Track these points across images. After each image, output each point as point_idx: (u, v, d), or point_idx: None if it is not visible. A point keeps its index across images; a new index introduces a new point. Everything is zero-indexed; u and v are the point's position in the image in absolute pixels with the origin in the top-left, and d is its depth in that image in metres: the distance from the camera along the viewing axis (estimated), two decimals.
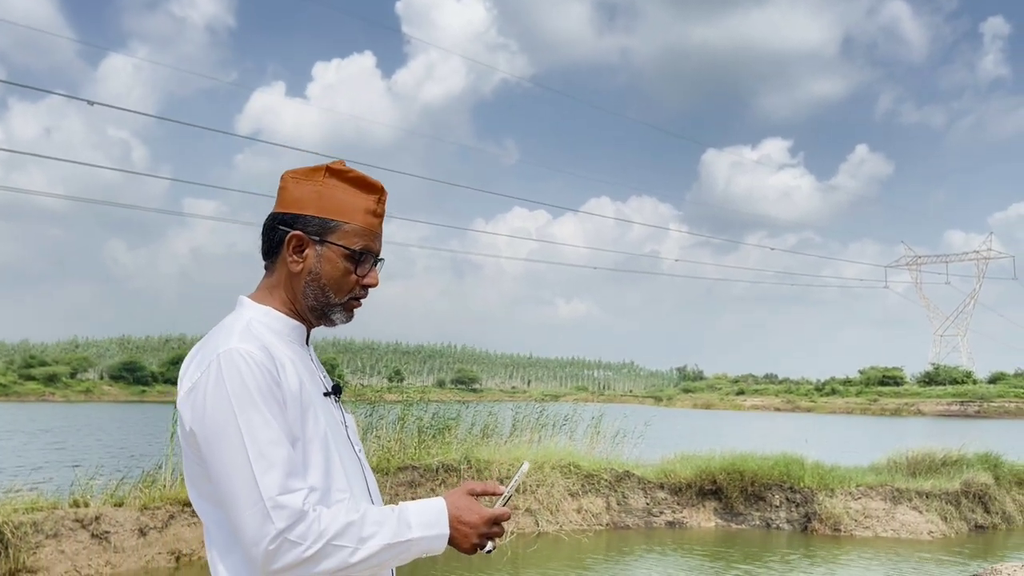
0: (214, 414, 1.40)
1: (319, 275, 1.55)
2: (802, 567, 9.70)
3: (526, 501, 11.31)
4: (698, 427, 38.97)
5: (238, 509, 1.37)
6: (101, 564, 8.07)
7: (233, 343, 1.44)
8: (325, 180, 1.57)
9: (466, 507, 1.53)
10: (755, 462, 12.28)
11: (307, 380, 1.52)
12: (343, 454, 1.54)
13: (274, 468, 1.38)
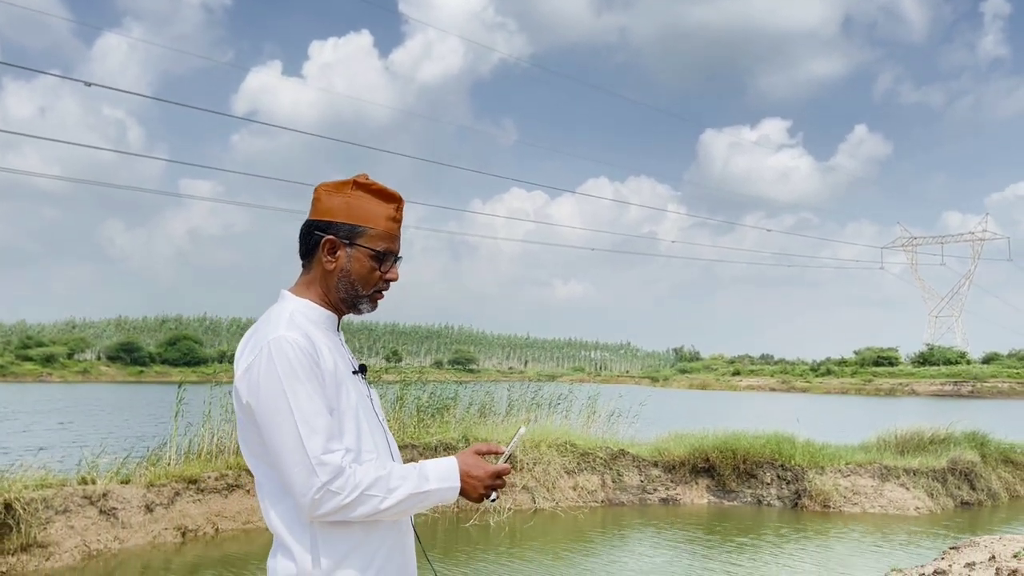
0: (267, 390, 1.70)
1: (349, 272, 1.86)
2: (793, 541, 9.96)
3: (523, 479, 11.58)
4: (693, 407, 39.34)
5: (288, 466, 1.68)
6: (110, 539, 8.30)
7: (280, 331, 1.73)
8: (352, 192, 1.88)
9: (474, 464, 1.84)
10: (747, 441, 12.55)
11: (339, 361, 1.83)
12: (370, 422, 1.85)
13: (317, 433, 1.68)
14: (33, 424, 24.11)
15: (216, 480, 9.68)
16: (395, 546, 1.83)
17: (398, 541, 1.84)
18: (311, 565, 1.72)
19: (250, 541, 9.16)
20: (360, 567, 1.75)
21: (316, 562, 1.72)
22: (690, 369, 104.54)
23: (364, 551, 1.76)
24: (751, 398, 58.89)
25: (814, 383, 79.97)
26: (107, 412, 30.62)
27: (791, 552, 9.43)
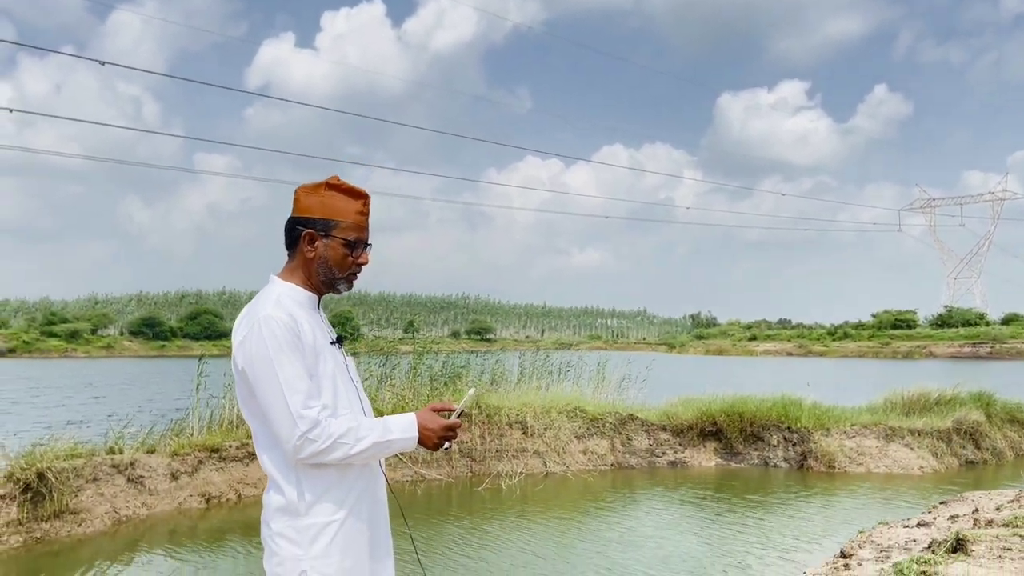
0: (258, 359, 2.08)
1: (327, 259, 2.24)
2: (799, 499, 10.22)
3: (534, 444, 11.90)
4: (708, 373, 39.55)
5: (276, 420, 2.08)
6: (138, 506, 8.70)
7: (268, 311, 2.12)
8: (326, 192, 2.25)
9: (430, 419, 2.23)
10: (754, 404, 12.79)
11: (318, 334, 2.22)
12: (345, 384, 2.25)
13: (298, 393, 2.07)
14: (64, 399, 24.75)
15: (237, 449, 10.05)
16: (366, 488, 2.22)
17: (369, 483, 2.24)
18: (297, 498, 2.11)
19: None
20: (337, 501, 2.14)
21: (301, 496, 2.12)
22: (707, 335, 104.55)
23: (339, 489, 2.15)
24: (767, 363, 59.03)
25: (831, 347, 79.89)
26: (132, 386, 31.27)
27: (797, 509, 9.70)
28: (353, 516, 2.16)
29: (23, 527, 7.51)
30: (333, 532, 2.12)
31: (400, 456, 11.08)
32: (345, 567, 2.13)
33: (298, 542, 2.10)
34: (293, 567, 2.10)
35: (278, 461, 2.14)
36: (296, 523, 2.11)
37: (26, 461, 7.74)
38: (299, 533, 2.10)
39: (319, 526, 2.11)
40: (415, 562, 6.69)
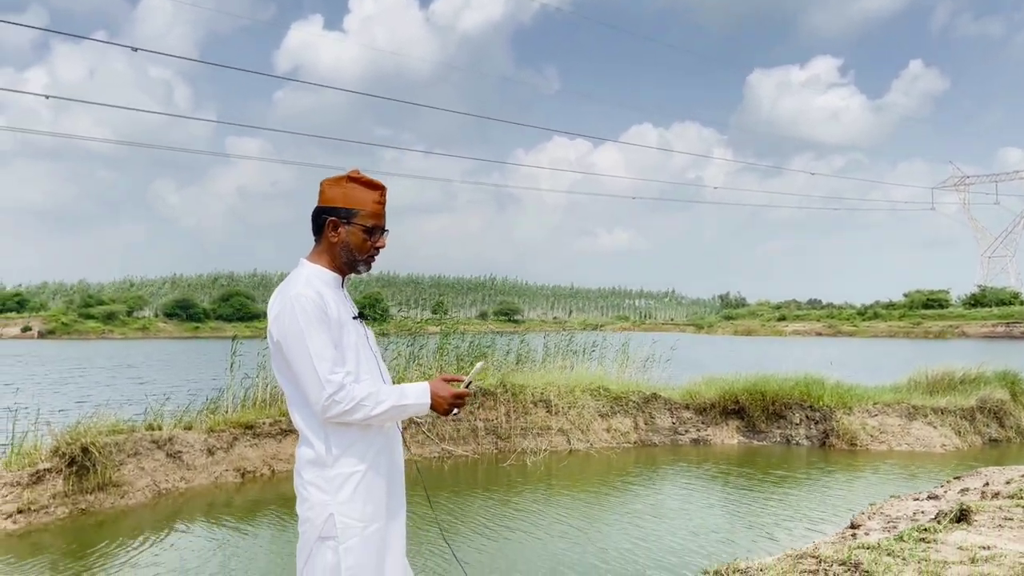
0: (291, 332, 2.38)
1: (348, 244, 2.54)
2: (821, 476, 10.36)
3: (558, 422, 12.14)
4: (734, 353, 39.53)
5: (306, 384, 2.37)
6: (176, 479, 9.08)
7: (299, 289, 2.42)
8: (347, 184, 2.56)
9: (441, 387, 2.54)
10: (776, 383, 12.92)
11: (343, 310, 2.50)
12: (366, 354, 2.58)
13: (325, 360, 2.37)
14: (109, 379, 25.44)
15: (271, 426, 10.40)
16: (385, 445, 2.53)
17: (388, 442, 2.55)
18: (325, 452, 2.43)
19: None
20: (359, 455, 2.46)
21: (328, 450, 2.42)
22: (735, 316, 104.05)
23: (362, 444, 2.45)
24: (795, 343, 58.74)
25: (861, 327, 79.19)
26: (169, 366, 32.00)
27: (820, 484, 9.86)
28: (373, 470, 2.46)
29: (69, 499, 7.90)
30: (356, 482, 2.42)
31: (428, 434, 11.39)
32: (367, 513, 2.43)
33: (326, 490, 2.41)
34: (322, 511, 2.40)
35: (309, 419, 2.43)
36: (324, 473, 2.41)
37: (71, 436, 8.12)
38: (327, 482, 2.41)
39: (344, 476, 2.41)
40: (440, 538, 6.98)
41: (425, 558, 6.73)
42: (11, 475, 7.79)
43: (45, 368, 31.18)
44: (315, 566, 2.41)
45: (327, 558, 2.39)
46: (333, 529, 2.38)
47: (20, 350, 48.82)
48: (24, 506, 7.52)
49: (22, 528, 7.39)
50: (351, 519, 2.40)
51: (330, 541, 2.39)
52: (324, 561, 2.39)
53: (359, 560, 2.40)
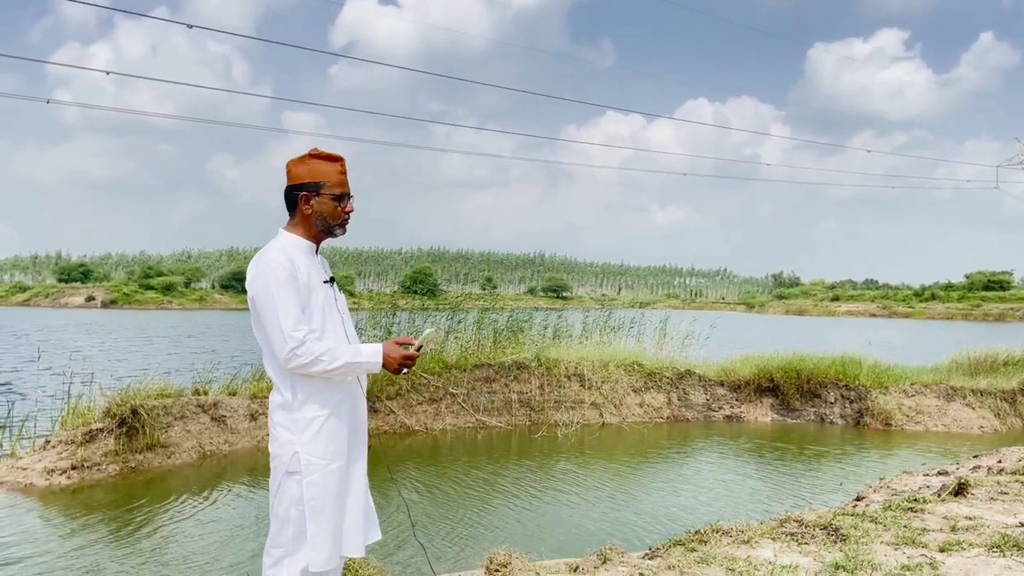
0: (262, 292, 2.68)
1: (321, 213, 2.83)
2: (853, 454, 10.39)
3: (591, 396, 12.34)
4: (780, 332, 39.09)
5: (272, 338, 2.68)
6: (220, 442, 9.53)
7: (273, 255, 2.73)
8: (311, 161, 2.83)
9: (392, 349, 2.81)
10: (812, 362, 12.91)
11: (313, 275, 2.73)
12: (331, 314, 2.79)
13: (290, 318, 2.66)
14: (173, 347, 26.38)
15: None
16: (345, 396, 2.83)
17: (348, 393, 2.84)
18: (291, 398, 2.72)
19: None
20: (321, 402, 2.74)
21: (295, 396, 2.71)
22: (787, 295, 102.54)
23: (324, 393, 2.76)
24: (846, 324, 57.76)
25: (917, 308, 77.44)
26: (226, 337, 32.97)
27: (855, 461, 9.92)
28: (335, 416, 2.76)
29: (119, 457, 8.38)
30: (319, 425, 2.74)
31: (463, 405, 11.69)
32: (328, 452, 2.73)
33: (292, 430, 2.73)
34: (288, 449, 2.72)
35: (278, 370, 2.75)
36: (291, 416, 2.73)
37: (121, 399, 8.59)
38: (293, 423, 2.73)
39: (308, 419, 2.72)
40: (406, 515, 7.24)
41: (460, 525, 7.01)
42: (66, 434, 8.30)
43: (113, 337, 32.40)
44: (282, 496, 2.72)
45: (292, 490, 2.70)
46: (298, 465, 2.69)
47: (86, 319, 50.66)
48: (78, 463, 8.01)
49: (75, 483, 7.88)
50: (314, 457, 2.71)
51: (296, 475, 2.70)
52: (290, 493, 2.71)
53: (320, 492, 2.70)
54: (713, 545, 3.72)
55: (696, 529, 4.03)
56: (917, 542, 3.69)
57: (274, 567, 2.72)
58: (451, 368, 11.86)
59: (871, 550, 3.55)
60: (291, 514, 2.70)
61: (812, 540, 3.71)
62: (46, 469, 7.88)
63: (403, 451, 10.25)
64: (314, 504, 2.68)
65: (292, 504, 2.69)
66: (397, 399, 11.33)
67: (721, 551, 3.63)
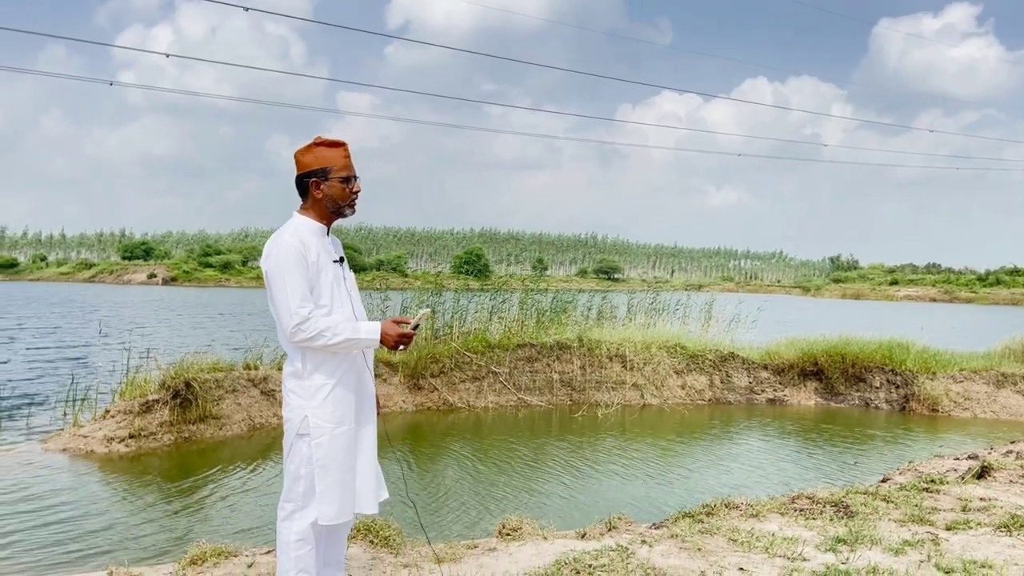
0: (274, 270, 2.90)
1: (331, 196, 3.05)
2: (898, 438, 10.32)
3: (633, 377, 12.43)
4: (833, 316, 38.44)
5: (280, 313, 2.91)
6: (269, 415, 9.89)
7: (285, 237, 2.95)
8: (316, 149, 3.04)
9: (390, 327, 3.00)
10: (858, 346, 12.78)
11: (323, 254, 2.94)
12: (339, 293, 2.99)
13: (296, 295, 2.88)
14: (236, 324, 27.17)
15: None
16: (351, 366, 3.01)
17: (354, 364, 3.04)
18: (302, 367, 2.95)
19: (388, 423, 10.51)
20: (328, 372, 2.95)
21: (304, 366, 2.94)
22: (844, 279, 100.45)
23: (331, 364, 2.97)
24: (904, 308, 56.46)
25: (980, 293, 75.22)
26: None
27: (901, 445, 9.87)
28: (341, 384, 2.99)
29: (174, 427, 8.78)
30: (327, 392, 2.95)
31: (505, 383, 11.88)
32: (336, 416, 2.96)
33: (303, 396, 2.97)
34: (299, 413, 2.95)
35: (288, 342, 2.98)
36: (301, 383, 2.97)
37: (175, 372, 8.99)
38: (303, 390, 2.96)
39: (316, 387, 2.95)
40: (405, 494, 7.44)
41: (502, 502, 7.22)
42: (124, 404, 8.73)
43: (176, 313, 33.43)
44: (294, 456, 2.96)
45: (303, 450, 2.94)
46: (307, 428, 2.93)
47: (149, 296, 52.25)
48: (135, 432, 8.42)
49: (133, 451, 8.30)
50: (322, 421, 2.93)
51: (305, 437, 2.93)
52: (300, 453, 2.94)
53: (328, 454, 2.93)
54: (721, 518, 3.83)
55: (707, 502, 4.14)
56: (925, 520, 3.75)
57: (287, 520, 2.95)
58: (494, 347, 12.06)
59: (876, 526, 3.63)
60: (301, 472, 2.93)
61: (820, 516, 3.80)
62: (106, 437, 8.31)
63: (446, 427, 10.50)
64: (322, 464, 2.91)
65: (302, 463, 2.92)
66: (440, 377, 11.59)
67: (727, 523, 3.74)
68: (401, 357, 11.44)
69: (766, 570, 3.19)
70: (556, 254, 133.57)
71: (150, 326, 25.56)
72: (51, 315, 29.98)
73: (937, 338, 16.78)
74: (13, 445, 8.56)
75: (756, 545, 3.44)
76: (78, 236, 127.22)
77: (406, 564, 3.71)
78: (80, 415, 9.31)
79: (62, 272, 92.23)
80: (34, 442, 8.65)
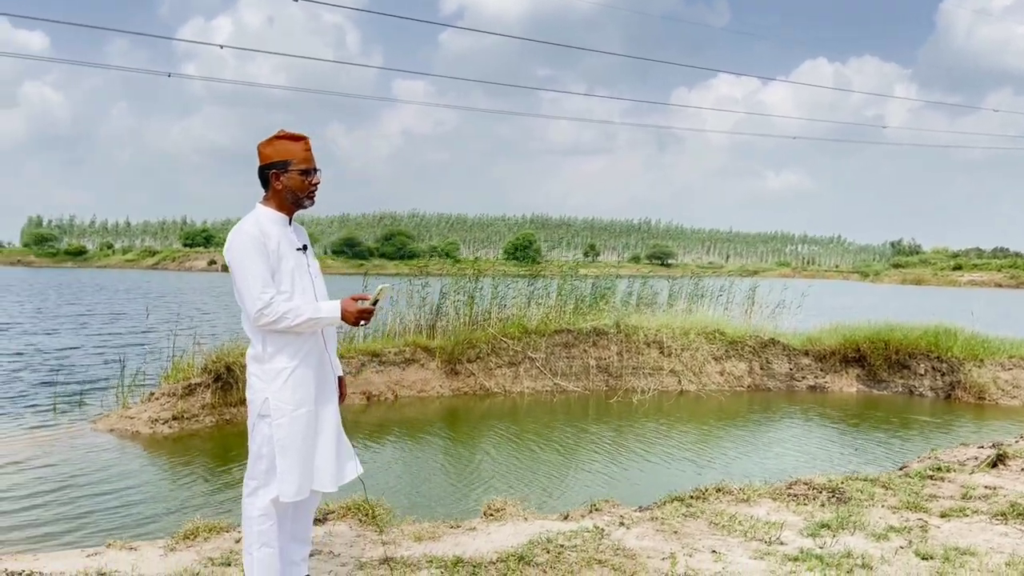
0: (235, 259, 3.02)
1: (291, 187, 3.16)
2: (942, 426, 10.13)
3: (671, 363, 12.41)
4: (885, 302, 37.55)
5: (244, 299, 3.01)
6: None
7: (246, 227, 3.06)
8: (277, 142, 3.15)
9: (350, 304, 3.11)
10: (902, 332, 12.55)
11: (283, 243, 3.08)
12: (301, 278, 3.14)
13: (258, 281, 2.99)
14: None
15: (396, 355, 11.32)
16: (313, 348, 3.15)
17: (315, 346, 3.18)
18: (262, 351, 3.07)
19: (424, 407, 10.73)
20: (290, 355, 3.08)
21: (265, 350, 3.08)
22: (905, 264, 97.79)
23: (292, 347, 3.09)
24: (966, 294, 54.79)
25: None
26: None
27: (946, 433, 9.71)
28: (303, 366, 3.10)
29: (215, 410, 9.10)
30: (287, 375, 3.06)
31: (542, 369, 11.98)
32: (295, 399, 3.07)
33: (264, 379, 3.08)
34: (260, 395, 3.07)
35: (251, 326, 3.12)
36: (262, 367, 3.09)
37: (216, 356, 9.30)
38: (264, 374, 3.08)
39: (277, 370, 3.07)
40: None
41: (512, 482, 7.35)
42: (169, 387, 9.08)
43: (233, 299, 34.27)
44: (256, 436, 3.09)
45: (264, 431, 3.07)
46: (268, 409, 3.05)
47: (209, 283, 53.61)
48: (179, 413, 8.76)
49: (176, 432, 8.63)
50: (282, 403, 3.05)
51: (266, 418, 3.05)
52: (262, 433, 3.07)
53: (287, 434, 3.06)
54: (710, 502, 3.87)
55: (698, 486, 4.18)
56: (920, 507, 3.74)
57: (251, 496, 3.10)
58: (531, 333, 12.16)
59: (867, 513, 3.63)
60: (263, 451, 3.06)
61: (812, 501, 3.81)
62: (150, 419, 8.67)
63: (482, 412, 10.65)
64: (282, 444, 3.04)
65: (264, 443, 3.06)
66: (477, 362, 11.74)
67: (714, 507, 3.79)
68: (438, 343, 11.63)
69: (739, 553, 3.24)
70: (608, 240, 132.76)
71: (211, 312, 26.32)
72: (119, 301, 31.07)
73: (993, 324, 16.32)
74: (69, 425, 8.99)
75: (736, 529, 3.49)
76: (142, 224, 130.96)
77: (386, 542, 3.88)
78: (128, 398, 9.70)
79: (127, 259, 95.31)
80: (85, 423, 9.07)
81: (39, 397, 10.52)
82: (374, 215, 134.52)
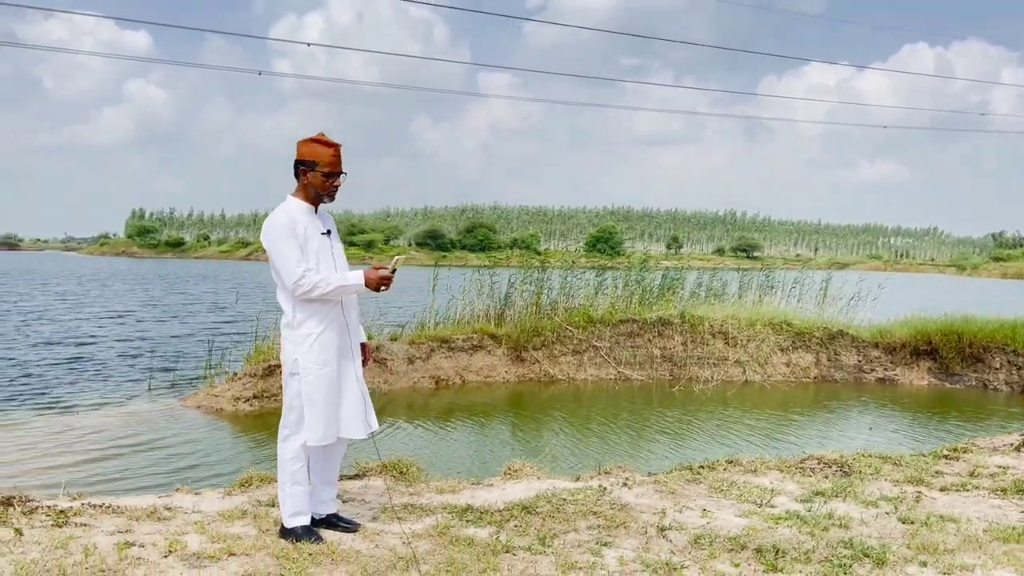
0: (269, 242, 3.55)
1: (314, 185, 3.66)
2: (1017, 418, 9.97)
3: (736, 353, 12.51)
4: (981, 296, 36.09)
5: (281, 274, 3.54)
6: (380, 382, 10.71)
7: (276, 216, 3.60)
8: (312, 144, 3.65)
9: (372, 272, 3.60)
10: (976, 325, 12.31)
11: (309, 227, 3.58)
12: (325, 257, 3.62)
13: (291, 259, 3.52)
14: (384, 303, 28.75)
15: (464, 341, 11.78)
16: (337, 315, 3.60)
17: (339, 315, 3.68)
18: (292, 318, 3.55)
19: (491, 392, 11.15)
20: (317, 321, 3.56)
21: (295, 317, 3.56)
22: (1007, 257, 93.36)
23: (320, 314, 3.58)
24: None
25: None
26: (421, 291, 35.26)
27: (1011, 427, 9.57)
28: (328, 331, 3.60)
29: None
30: (314, 339, 3.56)
31: (605, 357, 12.26)
32: (321, 359, 3.55)
33: (294, 343, 3.60)
34: (291, 356, 3.57)
35: (283, 297, 3.63)
36: (293, 332, 3.60)
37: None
38: (295, 338, 3.59)
39: (305, 335, 3.58)
40: None
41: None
42: (250, 368, 9.76)
43: None
44: (287, 391, 3.60)
45: (294, 386, 3.58)
46: (298, 368, 3.55)
47: None
48: (258, 393, 9.42)
49: (256, 411, 9.30)
50: (309, 362, 3.55)
51: (296, 376, 3.56)
52: (292, 388, 3.58)
53: (315, 389, 3.55)
54: (718, 472, 4.12)
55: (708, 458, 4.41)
56: (923, 482, 3.90)
57: (284, 441, 3.60)
58: (595, 322, 12.45)
59: (867, 484, 3.81)
60: (294, 404, 3.57)
61: (817, 474, 4.01)
62: (233, 397, 9.36)
63: (547, 398, 11.01)
64: (310, 397, 3.54)
65: (294, 396, 3.57)
66: (542, 350, 12.10)
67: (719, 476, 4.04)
68: (505, 330, 12.05)
69: (728, 512, 3.50)
70: (692, 231, 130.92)
71: None
72: (222, 291, 32.75)
73: None
74: (162, 402, 9.81)
75: (732, 493, 3.73)
76: (236, 216, 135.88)
77: (412, 493, 4.36)
78: (215, 378, 10.45)
79: (222, 250, 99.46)
80: (175, 399, 9.86)
81: (140, 377, 11.44)
82: (457, 207, 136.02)
